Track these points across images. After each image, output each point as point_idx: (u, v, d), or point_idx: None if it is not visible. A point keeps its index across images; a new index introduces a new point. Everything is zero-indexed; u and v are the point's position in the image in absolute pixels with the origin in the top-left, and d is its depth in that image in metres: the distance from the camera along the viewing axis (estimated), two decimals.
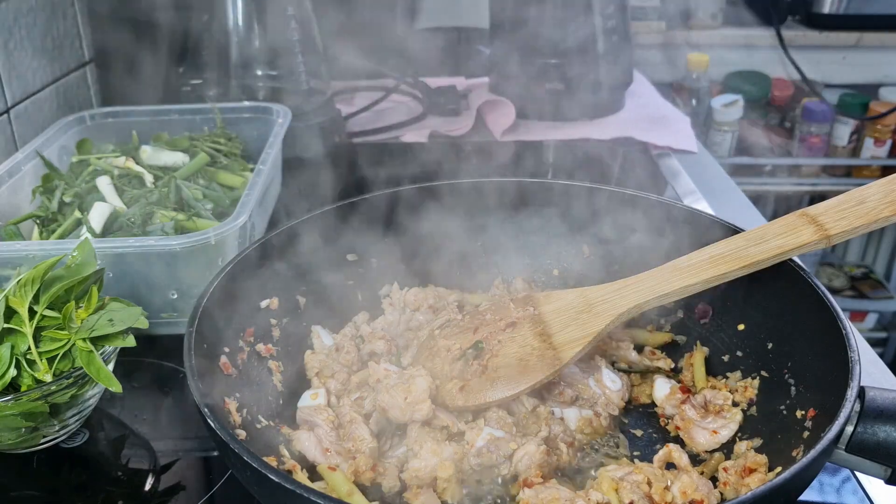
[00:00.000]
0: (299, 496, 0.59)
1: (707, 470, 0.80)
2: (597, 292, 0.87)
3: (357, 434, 0.82)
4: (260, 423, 0.84)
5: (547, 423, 0.83)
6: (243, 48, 1.58)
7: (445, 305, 1.01)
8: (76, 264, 0.89)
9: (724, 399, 0.86)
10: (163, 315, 1.03)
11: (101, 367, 0.81)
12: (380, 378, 0.87)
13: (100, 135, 1.37)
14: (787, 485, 0.60)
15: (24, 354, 0.83)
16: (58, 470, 0.87)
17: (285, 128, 1.34)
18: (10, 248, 0.97)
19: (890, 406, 0.69)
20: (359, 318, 1.02)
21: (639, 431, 0.88)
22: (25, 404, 0.79)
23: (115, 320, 0.84)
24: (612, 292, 0.86)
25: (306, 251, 0.98)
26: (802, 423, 0.76)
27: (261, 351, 0.91)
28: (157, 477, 0.86)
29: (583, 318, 0.85)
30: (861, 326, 2.81)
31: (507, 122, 1.74)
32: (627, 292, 0.85)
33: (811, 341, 0.80)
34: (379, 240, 1.04)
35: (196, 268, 0.99)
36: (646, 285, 0.85)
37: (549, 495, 0.72)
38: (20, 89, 1.35)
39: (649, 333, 1.00)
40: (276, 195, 1.40)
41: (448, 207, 1.03)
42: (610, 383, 0.89)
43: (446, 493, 0.77)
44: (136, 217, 1.11)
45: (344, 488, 0.76)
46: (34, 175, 1.22)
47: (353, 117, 1.82)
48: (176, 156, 1.31)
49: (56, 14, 1.47)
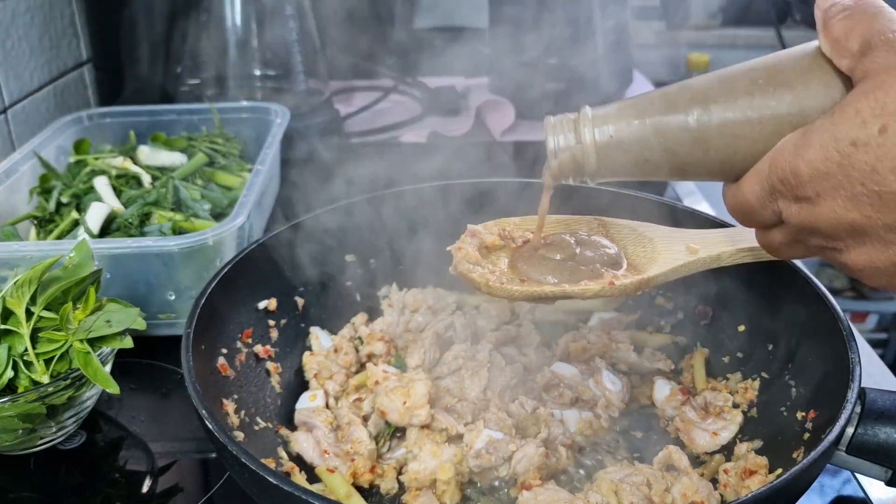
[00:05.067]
0: (297, 498, 0.59)
1: (707, 472, 0.80)
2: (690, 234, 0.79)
3: (355, 436, 0.82)
4: (258, 425, 0.84)
5: (546, 424, 0.83)
6: (241, 48, 1.58)
7: (445, 306, 1.01)
8: (73, 265, 0.88)
9: (724, 400, 0.86)
10: (160, 316, 1.03)
11: (99, 368, 0.81)
12: (379, 380, 0.87)
13: (97, 135, 1.37)
14: (787, 486, 0.60)
15: (21, 356, 0.82)
16: (55, 472, 0.87)
17: (284, 128, 1.34)
18: (7, 248, 0.96)
19: (890, 407, 0.69)
20: (357, 320, 1.01)
21: (639, 433, 0.88)
22: (22, 406, 0.78)
23: (113, 321, 0.84)
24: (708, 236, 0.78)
25: (305, 252, 0.97)
26: (803, 424, 0.75)
27: (259, 352, 0.91)
28: (154, 479, 0.86)
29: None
30: (862, 327, 2.81)
31: (506, 122, 1.73)
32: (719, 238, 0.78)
33: (812, 342, 0.80)
34: (378, 240, 1.03)
35: (194, 268, 0.99)
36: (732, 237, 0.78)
37: (548, 497, 0.72)
38: (17, 89, 1.35)
39: (649, 335, 0.99)
40: (275, 196, 1.40)
41: (447, 208, 1.02)
42: (610, 385, 0.88)
43: (445, 495, 0.77)
44: (133, 217, 1.10)
45: (342, 490, 0.76)
46: (31, 175, 1.21)
47: (351, 117, 1.81)
48: (174, 156, 1.31)
49: (53, 14, 1.47)
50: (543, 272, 0.74)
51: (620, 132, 0.61)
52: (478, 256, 0.76)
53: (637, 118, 0.60)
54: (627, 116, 0.61)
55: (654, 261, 0.75)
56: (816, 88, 0.55)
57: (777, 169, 0.54)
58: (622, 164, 0.62)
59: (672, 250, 0.76)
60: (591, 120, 0.63)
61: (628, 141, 0.61)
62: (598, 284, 0.71)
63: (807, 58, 0.56)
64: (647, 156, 0.61)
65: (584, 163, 0.63)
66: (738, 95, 0.57)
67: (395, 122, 1.79)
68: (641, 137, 0.60)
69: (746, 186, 0.57)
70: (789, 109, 0.55)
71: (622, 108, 0.62)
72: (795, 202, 0.54)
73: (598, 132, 0.62)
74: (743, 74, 0.57)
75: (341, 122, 1.73)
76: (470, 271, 0.74)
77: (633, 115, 0.61)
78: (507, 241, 0.79)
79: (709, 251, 0.75)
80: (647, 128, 0.60)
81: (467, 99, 1.88)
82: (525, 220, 0.82)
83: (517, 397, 0.86)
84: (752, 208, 0.58)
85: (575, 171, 0.65)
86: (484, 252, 0.78)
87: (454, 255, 0.76)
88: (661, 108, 0.60)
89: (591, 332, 0.97)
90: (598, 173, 0.64)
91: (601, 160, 0.63)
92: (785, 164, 0.53)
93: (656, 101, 0.60)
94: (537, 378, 0.90)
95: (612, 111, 0.62)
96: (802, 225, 0.55)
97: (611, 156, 0.62)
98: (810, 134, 0.52)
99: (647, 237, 0.78)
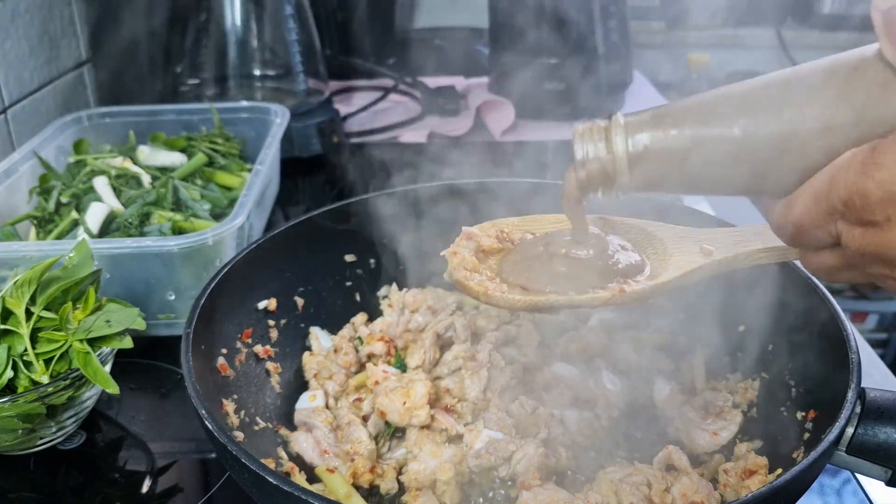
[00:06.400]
0: (297, 498, 0.59)
1: (707, 472, 0.80)
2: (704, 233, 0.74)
3: (355, 436, 0.82)
4: (258, 425, 0.84)
5: (546, 424, 0.83)
6: (241, 48, 1.58)
7: (445, 306, 1.01)
8: (73, 265, 0.88)
9: (724, 400, 0.86)
10: (160, 316, 1.03)
11: (98, 368, 0.81)
12: (378, 380, 0.87)
13: (97, 135, 1.37)
14: (787, 487, 0.60)
15: (20, 356, 0.82)
16: (55, 472, 0.87)
17: (283, 128, 1.33)
18: (6, 248, 0.96)
19: (891, 407, 0.69)
20: (357, 320, 1.01)
21: (638, 433, 0.87)
22: (22, 406, 0.78)
23: (113, 321, 0.84)
24: (721, 236, 0.72)
25: (304, 252, 0.97)
26: (803, 424, 0.75)
27: (259, 352, 0.91)
28: (154, 479, 0.86)
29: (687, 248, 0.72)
30: (862, 327, 2.80)
31: (506, 122, 1.73)
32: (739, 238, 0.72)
33: (811, 342, 0.80)
34: (377, 241, 1.03)
35: (194, 269, 0.99)
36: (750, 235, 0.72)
37: (548, 497, 0.72)
38: (17, 89, 1.34)
39: (650, 335, 0.99)
40: (275, 196, 1.40)
41: (447, 208, 1.02)
42: (610, 385, 0.88)
43: (445, 495, 0.77)
44: (133, 218, 1.10)
45: (342, 490, 0.76)
46: (31, 175, 1.21)
47: (351, 117, 1.81)
48: (173, 156, 1.31)
49: (53, 13, 1.47)
50: (541, 279, 0.67)
51: (657, 142, 0.56)
52: (475, 262, 0.70)
53: (675, 127, 0.55)
54: (664, 125, 0.56)
55: (666, 264, 0.69)
56: (879, 99, 0.49)
57: (839, 188, 0.49)
58: (657, 177, 0.57)
59: (685, 252, 0.69)
60: (623, 128, 0.58)
61: (666, 152, 0.56)
62: (607, 293, 0.65)
63: (867, 65, 0.50)
64: (686, 169, 0.56)
65: (616, 175, 0.59)
66: (788, 104, 0.52)
67: (394, 121, 1.79)
68: (680, 149, 0.55)
69: (800, 205, 0.52)
70: (846, 120, 0.50)
71: (658, 116, 0.57)
72: (860, 226, 0.49)
73: (631, 142, 0.57)
74: (795, 81, 0.52)
75: (341, 122, 1.73)
76: (467, 279, 0.68)
77: (670, 124, 0.56)
78: (505, 244, 0.74)
79: (724, 253, 0.68)
80: (685, 139, 0.55)
81: (467, 99, 1.88)
82: (524, 220, 0.77)
83: (517, 397, 0.86)
84: (804, 229, 0.52)
85: (604, 184, 0.60)
86: (481, 256, 0.72)
87: (448, 261, 0.71)
88: (702, 116, 0.55)
89: (591, 332, 0.96)
90: (631, 186, 0.59)
91: (634, 173, 0.58)
92: (850, 184, 0.48)
93: (694, 110, 0.55)
94: (537, 378, 0.90)
95: (647, 119, 0.57)
96: (864, 250, 0.49)
97: (645, 168, 0.57)
98: (882, 152, 0.47)
99: (658, 237, 0.72)
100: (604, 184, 0.60)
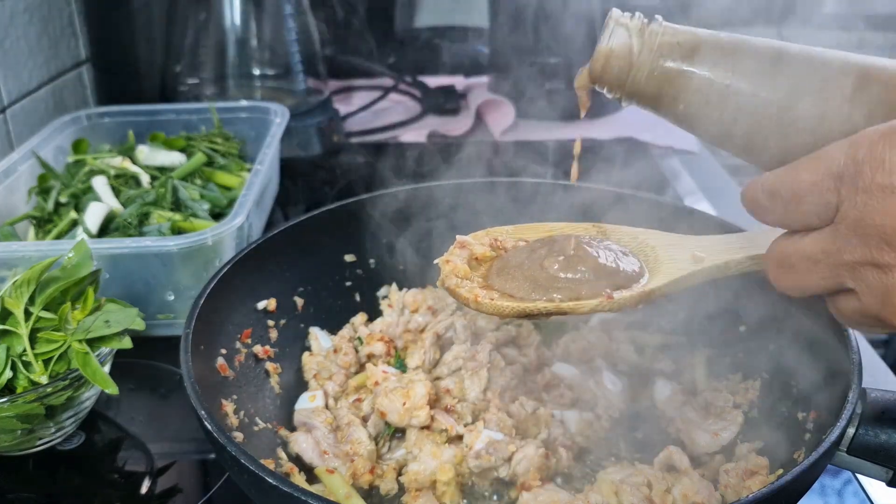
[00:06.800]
0: (297, 499, 0.59)
1: (708, 472, 0.80)
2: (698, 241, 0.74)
3: (355, 437, 0.82)
4: (257, 426, 0.84)
5: (546, 425, 0.83)
6: (241, 48, 1.58)
7: (444, 307, 1.00)
8: (72, 265, 0.88)
9: (725, 401, 0.86)
10: (159, 316, 1.03)
11: (98, 368, 0.81)
12: (378, 380, 0.86)
13: (96, 135, 1.37)
14: (788, 487, 0.60)
15: (19, 356, 0.82)
16: (54, 473, 0.87)
17: (283, 127, 1.33)
18: (5, 248, 0.96)
19: (891, 407, 0.69)
20: (357, 320, 1.01)
21: (639, 434, 0.87)
22: (21, 406, 0.78)
23: (112, 322, 0.84)
24: (713, 243, 0.73)
25: (304, 252, 0.97)
26: (804, 424, 0.75)
27: (258, 353, 0.90)
28: (153, 480, 0.86)
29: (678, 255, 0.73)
30: None
31: (506, 121, 1.73)
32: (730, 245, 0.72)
33: (812, 342, 0.80)
34: (377, 240, 1.03)
35: (193, 269, 0.99)
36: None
37: (548, 498, 0.72)
38: (16, 89, 1.34)
39: (650, 335, 0.99)
40: (274, 195, 1.40)
41: (447, 208, 1.02)
42: (610, 385, 0.88)
43: (445, 496, 0.77)
44: (132, 217, 1.10)
45: (342, 491, 0.76)
46: (30, 175, 1.21)
47: (351, 117, 1.81)
48: (173, 156, 1.31)
49: (52, 13, 1.46)
50: (527, 286, 0.68)
51: (692, 63, 0.56)
52: (467, 270, 0.72)
53: (722, 55, 0.55)
54: (707, 49, 0.56)
55: (656, 271, 0.70)
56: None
57: (861, 151, 0.48)
58: (672, 92, 0.57)
59: (675, 259, 0.70)
60: (660, 35, 0.57)
61: (696, 76, 0.56)
62: (594, 300, 0.66)
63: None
64: (709, 99, 0.55)
65: (636, 71, 0.58)
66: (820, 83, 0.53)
67: (394, 121, 1.79)
68: (714, 79, 0.55)
69: (807, 171, 0.51)
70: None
71: (703, 38, 0.57)
72: (864, 193, 0.48)
73: (661, 53, 0.58)
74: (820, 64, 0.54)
75: (341, 122, 1.73)
76: (458, 286, 0.70)
77: (713, 46, 0.55)
78: (499, 252, 0.75)
79: (715, 260, 0.69)
80: (725, 73, 0.55)
81: (466, 98, 1.87)
82: (518, 228, 0.78)
83: (517, 398, 0.86)
84: (802, 196, 0.52)
85: (619, 77, 0.60)
86: (474, 264, 0.74)
87: (441, 269, 0.72)
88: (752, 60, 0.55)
89: (592, 333, 0.96)
90: (643, 90, 0.58)
91: (653, 76, 0.57)
92: (872, 144, 0.48)
93: (747, 50, 0.55)
94: (537, 378, 0.90)
95: (689, 37, 0.57)
96: (864, 220, 0.48)
97: (668, 79, 0.57)
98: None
99: (650, 245, 0.73)
100: (619, 77, 0.60)
